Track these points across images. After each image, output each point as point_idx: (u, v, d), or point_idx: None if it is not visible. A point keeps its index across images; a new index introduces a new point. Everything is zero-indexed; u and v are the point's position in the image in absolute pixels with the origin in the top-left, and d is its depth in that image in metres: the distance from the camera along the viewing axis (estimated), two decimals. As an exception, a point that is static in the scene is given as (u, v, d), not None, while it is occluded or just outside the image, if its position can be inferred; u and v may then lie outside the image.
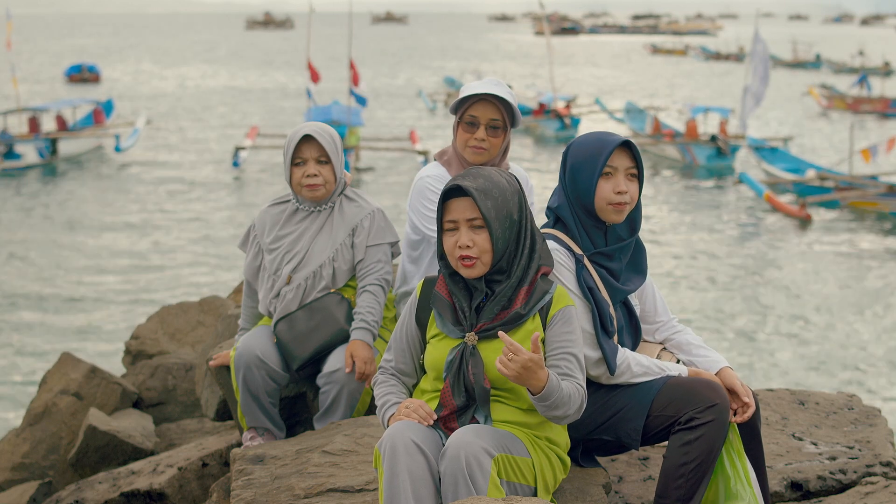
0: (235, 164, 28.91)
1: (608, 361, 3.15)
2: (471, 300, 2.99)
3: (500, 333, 2.80)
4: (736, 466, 3.11)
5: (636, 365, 3.19)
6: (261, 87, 56.95)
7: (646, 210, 24.13)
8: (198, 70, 70.40)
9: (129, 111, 40.94)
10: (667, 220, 23.27)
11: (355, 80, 27.10)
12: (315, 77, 27.93)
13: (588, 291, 3.17)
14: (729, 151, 28.95)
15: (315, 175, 3.98)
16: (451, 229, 2.96)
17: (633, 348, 3.33)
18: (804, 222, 22.11)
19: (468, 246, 2.92)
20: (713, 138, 29.37)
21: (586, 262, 3.21)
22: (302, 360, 3.93)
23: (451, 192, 2.95)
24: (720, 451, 3.08)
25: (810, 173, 24.99)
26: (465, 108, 3.85)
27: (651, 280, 3.43)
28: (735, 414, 3.18)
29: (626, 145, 3.18)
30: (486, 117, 3.83)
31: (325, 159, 4.00)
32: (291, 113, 41.51)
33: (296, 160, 3.99)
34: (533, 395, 2.86)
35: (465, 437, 2.80)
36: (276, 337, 3.99)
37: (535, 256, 3.01)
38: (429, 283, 3.11)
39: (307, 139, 3.98)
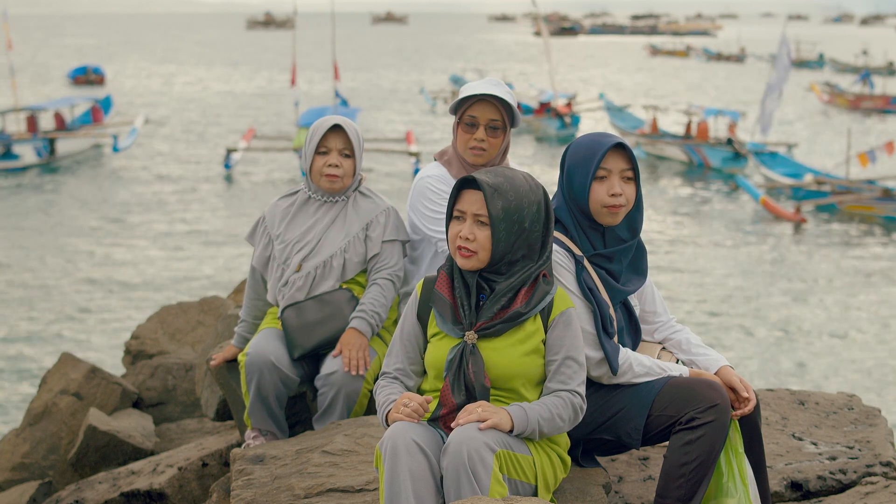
0: (227, 166, 28.98)
1: (610, 362, 3.16)
2: (470, 298, 3.00)
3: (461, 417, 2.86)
4: (731, 464, 3.11)
5: (638, 365, 3.19)
6: (260, 89, 56.94)
7: (645, 211, 24.07)
8: (199, 71, 70.40)
9: (132, 112, 40.91)
10: (662, 222, 23.27)
11: (336, 76, 27.74)
12: (293, 80, 28.46)
13: (588, 292, 3.17)
14: (746, 153, 28.81)
15: (337, 166, 4.01)
16: (458, 217, 2.99)
17: (633, 348, 3.33)
18: (799, 226, 22.11)
19: (468, 238, 2.94)
20: (729, 141, 29.23)
21: (586, 263, 3.21)
22: (304, 349, 3.93)
23: (466, 184, 2.98)
24: (721, 451, 3.08)
25: (808, 178, 25.00)
26: (465, 109, 3.85)
27: (650, 280, 3.43)
28: (737, 411, 3.19)
29: (621, 147, 3.18)
30: (485, 118, 3.83)
31: (348, 153, 4.04)
32: (287, 115, 41.46)
33: (320, 149, 4.02)
34: (507, 433, 2.90)
35: (467, 432, 2.81)
36: (281, 322, 3.99)
37: (546, 265, 3.03)
38: (429, 283, 3.12)
39: (335, 129, 4.02)
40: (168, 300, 15.73)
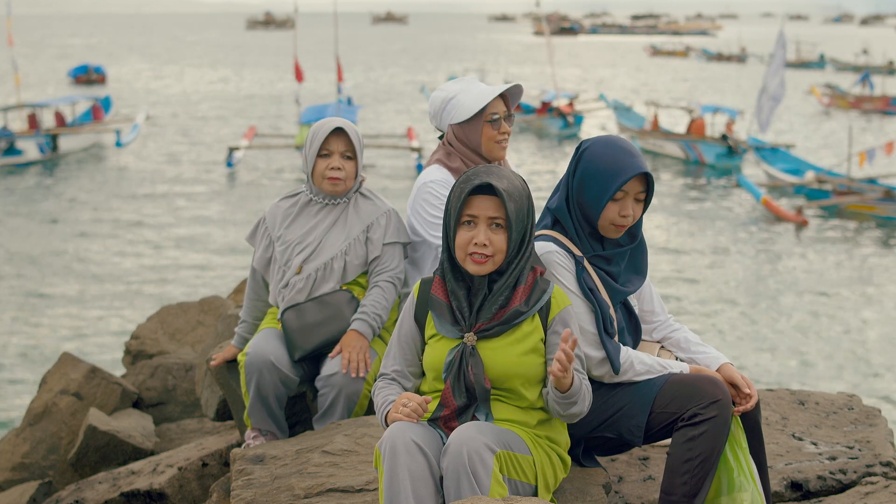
0: (229, 165, 29.03)
1: (612, 361, 3.16)
2: (469, 299, 3.00)
3: (567, 332, 2.82)
4: (739, 459, 3.12)
5: (639, 363, 3.20)
6: (260, 88, 56.95)
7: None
8: (199, 71, 70.40)
9: (132, 111, 40.96)
10: (663, 222, 23.26)
11: (340, 77, 27.71)
12: (299, 77, 28.35)
13: (589, 293, 3.18)
14: (740, 151, 28.86)
15: (339, 169, 4.01)
16: (467, 222, 2.96)
17: (634, 348, 3.34)
18: (801, 227, 22.08)
19: (485, 244, 2.92)
20: (724, 137, 29.27)
21: (586, 263, 3.21)
22: (305, 351, 3.93)
23: (476, 190, 2.95)
24: (724, 447, 3.08)
25: (809, 175, 24.90)
26: (487, 109, 3.93)
27: (648, 279, 3.43)
28: (739, 407, 3.19)
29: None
30: (502, 111, 3.97)
31: (350, 154, 4.04)
32: (287, 115, 41.52)
33: (322, 151, 4.02)
34: (561, 392, 2.89)
35: (467, 432, 2.81)
36: (281, 324, 3.99)
37: (531, 258, 3.04)
38: (425, 284, 3.11)
39: (337, 132, 4.01)
40: (168, 300, 15.73)
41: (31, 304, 16.34)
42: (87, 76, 57.21)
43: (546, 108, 37.18)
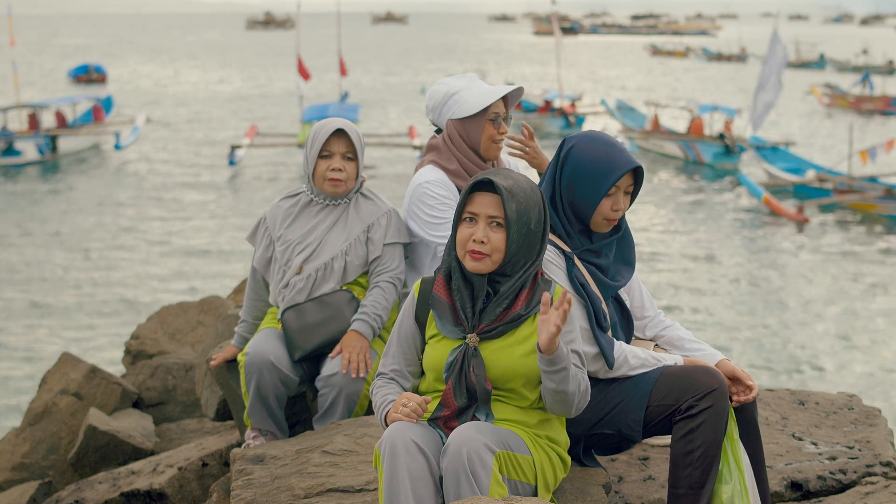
0: (231, 163, 29.00)
1: (606, 356, 3.16)
2: (473, 301, 3.00)
3: (546, 298, 2.80)
4: (726, 451, 3.12)
5: (633, 358, 3.20)
6: (261, 87, 56.95)
7: (644, 208, 24.13)
8: (200, 71, 70.39)
9: (133, 111, 40.97)
10: (663, 220, 23.26)
11: (343, 71, 27.74)
12: (305, 75, 28.32)
13: (580, 288, 3.18)
14: (737, 150, 28.90)
15: (340, 170, 4.01)
16: (468, 219, 2.96)
17: (627, 342, 3.34)
18: (802, 226, 22.09)
19: (483, 242, 2.92)
20: (721, 136, 29.29)
21: (576, 259, 3.21)
22: (305, 351, 3.93)
23: (479, 186, 2.96)
24: (724, 435, 3.09)
25: (810, 174, 24.91)
26: (490, 107, 3.94)
27: (637, 276, 3.43)
28: (740, 397, 3.19)
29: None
30: (502, 111, 3.98)
31: (351, 155, 4.04)
32: (288, 113, 41.52)
33: (323, 152, 4.02)
34: (545, 355, 2.83)
35: (467, 432, 2.81)
36: (281, 324, 3.99)
37: (539, 264, 3.04)
38: (426, 283, 3.10)
39: (338, 133, 4.01)
40: (168, 300, 15.73)
41: (30, 304, 16.34)
42: (87, 76, 57.17)
43: (548, 107, 37.18)
